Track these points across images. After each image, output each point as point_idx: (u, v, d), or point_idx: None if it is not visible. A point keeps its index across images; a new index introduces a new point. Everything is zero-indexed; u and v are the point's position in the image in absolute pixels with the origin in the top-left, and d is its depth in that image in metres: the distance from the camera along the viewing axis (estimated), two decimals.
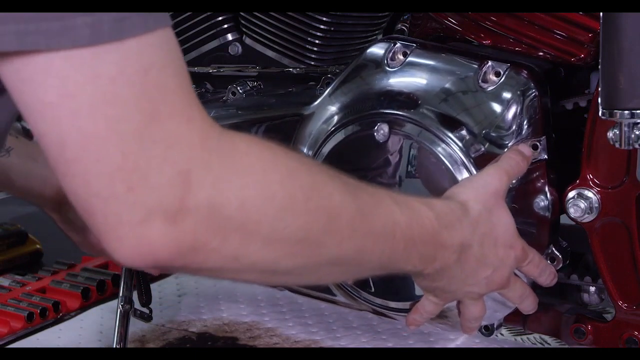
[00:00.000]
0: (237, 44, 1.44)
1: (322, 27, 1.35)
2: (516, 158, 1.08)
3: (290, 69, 1.41)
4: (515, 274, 1.06)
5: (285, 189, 0.74)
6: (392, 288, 1.21)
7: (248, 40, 1.43)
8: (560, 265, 1.15)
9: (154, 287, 1.66)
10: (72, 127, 0.64)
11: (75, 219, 1.18)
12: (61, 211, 1.16)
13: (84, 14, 0.62)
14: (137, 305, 1.55)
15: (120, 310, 1.52)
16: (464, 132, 1.12)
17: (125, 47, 0.64)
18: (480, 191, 1.01)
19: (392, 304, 1.21)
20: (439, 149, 1.12)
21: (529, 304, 1.09)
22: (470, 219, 0.97)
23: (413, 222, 0.88)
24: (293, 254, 0.76)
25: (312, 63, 1.39)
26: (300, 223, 0.75)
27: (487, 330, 1.24)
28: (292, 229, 0.75)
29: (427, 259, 0.92)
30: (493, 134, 1.12)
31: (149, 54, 0.66)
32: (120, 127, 0.65)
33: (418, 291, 1.16)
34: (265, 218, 0.72)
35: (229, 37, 1.45)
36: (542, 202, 1.14)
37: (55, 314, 1.82)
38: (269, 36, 1.40)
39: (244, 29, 1.43)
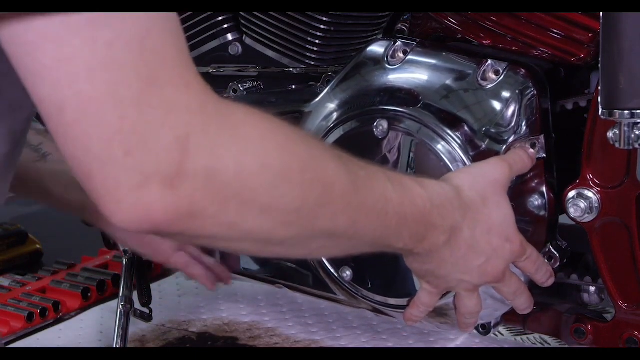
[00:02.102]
0: (237, 44, 1.44)
1: (322, 27, 1.35)
2: (522, 155, 1.08)
3: (290, 69, 1.41)
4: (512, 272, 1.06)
5: (282, 158, 0.74)
6: (392, 285, 1.21)
7: (248, 40, 1.43)
8: (558, 264, 1.16)
9: (154, 287, 1.66)
10: (70, 91, 0.65)
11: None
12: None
13: None
14: (137, 305, 1.55)
15: (120, 310, 1.52)
16: (462, 129, 1.12)
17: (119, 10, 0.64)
18: (477, 179, 1.01)
19: (392, 301, 1.21)
20: (438, 145, 1.12)
21: (523, 302, 1.09)
22: (462, 202, 0.97)
23: (405, 200, 0.89)
24: (288, 224, 0.77)
25: (312, 63, 1.39)
26: (296, 193, 0.76)
27: (484, 329, 1.24)
28: (288, 199, 0.75)
29: (417, 238, 0.93)
30: (492, 132, 1.12)
31: (146, 18, 0.66)
32: (118, 92, 0.65)
33: (418, 287, 1.17)
34: (262, 186, 0.73)
35: (229, 37, 1.45)
36: (539, 200, 1.14)
37: (55, 314, 1.82)
38: (269, 36, 1.40)
39: (244, 29, 1.43)
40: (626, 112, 0.96)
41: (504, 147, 1.12)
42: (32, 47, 0.65)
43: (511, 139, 1.12)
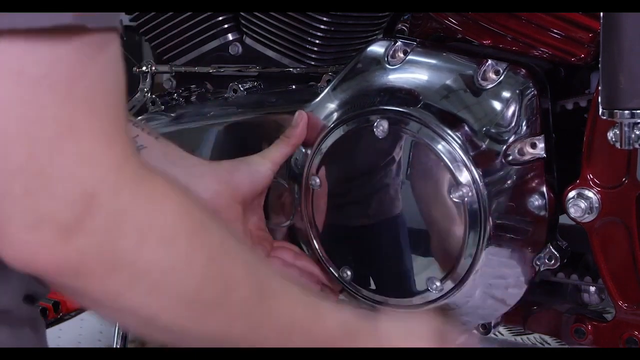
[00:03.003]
0: (238, 44, 1.44)
1: (322, 27, 1.35)
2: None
3: (291, 69, 1.41)
4: None
5: (190, 243, 0.70)
6: (392, 285, 1.21)
7: (248, 40, 1.43)
8: (558, 264, 1.16)
9: None
10: None
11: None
12: None
13: None
14: None
15: None
16: (463, 129, 1.13)
17: (60, 43, 0.61)
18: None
19: (392, 301, 1.21)
20: (438, 145, 1.12)
21: None
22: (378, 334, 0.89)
23: (315, 325, 0.82)
24: (176, 313, 0.72)
25: (312, 63, 1.39)
26: (194, 284, 0.71)
27: (485, 329, 1.24)
28: (183, 287, 0.71)
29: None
30: (492, 132, 1.12)
31: (83, 63, 0.63)
32: (32, 131, 0.62)
33: (418, 287, 1.17)
34: (159, 266, 0.68)
35: (229, 37, 1.45)
36: (539, 200, 1.14)
37: (55, 314, 1.82)
38: (269, 36, 1.40)
39: (244, 29, 1.43)
40: (626, 112, 0.96)
41: (504, 147, 1.12)
42: None
43: (511, 139, 1.12)
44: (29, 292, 0.81)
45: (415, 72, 1.18)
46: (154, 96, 1.54)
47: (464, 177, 1.11)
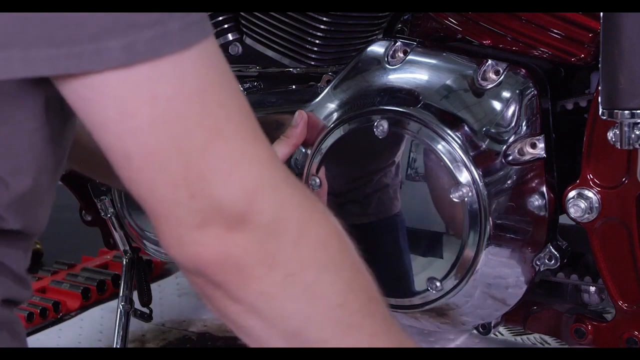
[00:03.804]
0: (238, 44, 1.44)
1: (322, 27, 1.35)
2: None
3: (291, 69, 1.41)
4: None
5: (340, 247, 0.73)
6: (392, 285, 1.21)
7: (248, 40, 1.43)
8: (558, 264, 1.16)
9: (154, 287, 1.66)
10: (135, 143, 0.66)
11: None
12: None
13: (116, 35, 0.63)
14: (137, 305, 1.55)
15: (120, 310, 1.52)
16: (463, 129, 1.12)
17: (179, 60, 0.65)
18: None
19: (392, 301, 1.21)
20: (438, 145, 1.12)
21: None
22: None
23: None
24: (325, 323, 0.73)
25: (312, 63, 1.39)
26: (342, 289, 0.73)
27: (484, 329, 1.24)
28: (333, 292, 0.72)
29: None
30: (492, 132, 1.12)
31: (203, 73, 0.66)
32: (183, 144, 0.66)
33: (417, 287, 1.17)
34: (312, 266, 0.71)
35: (229, 37, 1.44)
36: (539, 201, 1.14)
37: (55, 314, 1.82)
38: (269, 36, 1.40)
39: (244, 29, 1.43)
40: (626, 112, 0.96)
41: (504, 147, 1.12)
42: (92, 103, 0.66)
43: (511, 139, 1.12)
44: (8, 296, 0.82)
45: (415, 72, 1.18)
46: None
47: (464, 177, 1.11)
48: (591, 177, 1.12)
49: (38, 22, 0.63)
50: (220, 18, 1.44)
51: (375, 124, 1.15)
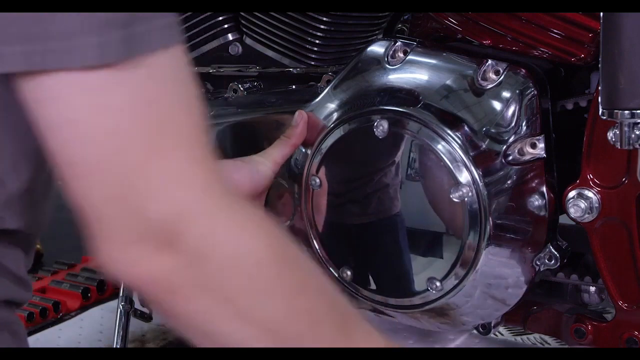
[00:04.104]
0: (238, 44, 1.44)
1: (322, 27, 1.35)
2: None
3: (291, 69, 1.41)
4: None
5: (278, 273, 0.71)
6: (392, 285, 1.21)
7: (248, 40, 1.43)
8: (558, 264, 1.16)
9: None
10: (77, 152, 0.66)
11: None
12: None
13: (90, 33, 0.63)
14: (137, 305, 1.55)
15: (120, 310, 1.52)
16: (463, 129, 1.12)
17: (134, 72, 0.64)
18: None
19: (392, 301, 1.21)
20: (438, 145, 1.12)
21: None
22: None
23: None
24: (262, 344, 0.72)
25: (312, 63, 1.39)
26: (280, 315, 0.71)
27: (484, 329, 1.24)
28: (269, 317, 0.71)
29: None
30: (492, 132, 1.12)
31: (158, 80, 0.66)
32: (123, 158, 0.65)
33: (418, 287, 1.17)
34: (246, 292, 0.70)
35: (229, 37, 1.44)
36: (539, 201, 1.14)
37: (55, 314, 1.82)
38: (269, 36, 1.40)
39: (244, 29, 1.43)
40: (626, 112, 0.96)
41: (504, 147, 1.12)
42: (42, 104, 0.65)
43: (511, 139, 1.12)
44: (8, 297, 0.82)
45: (415, 72, 1.18)
46: None
47: (464, 177, 1.11)
48: (591, 177, 1.12)
49: None
50: (220, 18, 1.44)
51: (375, 124, 1.15)
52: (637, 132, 0.98)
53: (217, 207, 0.68)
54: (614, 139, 1.01)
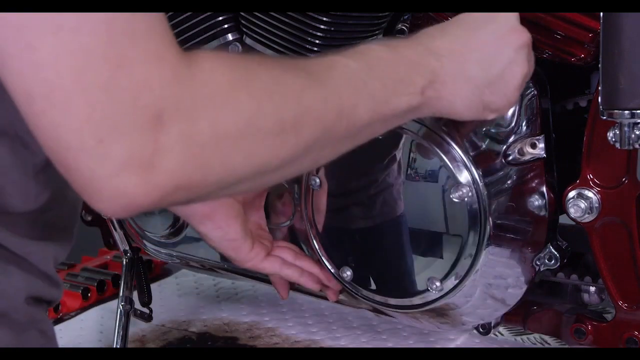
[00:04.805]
0: (237, 44, 1.43)
1: (322, 27, 1.35)
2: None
3: None
4: None
5: (253, 99, 0.70)
6: (392, 285, 1.21)
7: (248, 40, 1.43)
8: (558, 264, 1.16)
9: (154, 287, 1.66)
10: (36, 80, 0.62)
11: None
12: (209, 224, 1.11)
13: None
14: (137, 305, 1.55)
15: (120, 310, 1.52)
16: (463, 129, 1.12)
17: None
18: None
19: (392, 301, 1.21)
20: (438, 145, 1.12)
21: None
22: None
23: (371, 60, 0.90)
24: (277, 148, 0.72)
25: None
26: (271, 124, 0.71)
27: (484, 329, 1.24)
28: (268, 127, 0.71)
29: (410, 80, 0.89)
30: (492, 131, 1.12)
31: None
32: (85, 78, 0.62)
33: (418, 287, 1.17)
34: (241, 134, 0.68)
35: (229, 37, 1.44)
36: (539, 201, 1.14)
37: (55, 314, 1.82)
38: (269, 36, 1.40)
39: (244, 29, 1.43)
40: (626, 112, 0.96)
41: (504, 147, 1.12)
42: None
43: (511, 139, 1.12)
44: (34, 293, 0.80)
45: None
46: None
47: (464, 177, 1.11)
48: (591, 177, 1.12)
49: None
50: (220, 18, 1.44)
51: None
52: (637, 132, 0.98)
53: (185, 92, 0.66)
54: (614, 139, 1.01)
